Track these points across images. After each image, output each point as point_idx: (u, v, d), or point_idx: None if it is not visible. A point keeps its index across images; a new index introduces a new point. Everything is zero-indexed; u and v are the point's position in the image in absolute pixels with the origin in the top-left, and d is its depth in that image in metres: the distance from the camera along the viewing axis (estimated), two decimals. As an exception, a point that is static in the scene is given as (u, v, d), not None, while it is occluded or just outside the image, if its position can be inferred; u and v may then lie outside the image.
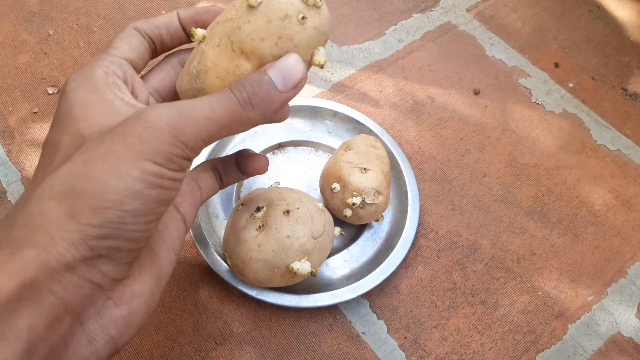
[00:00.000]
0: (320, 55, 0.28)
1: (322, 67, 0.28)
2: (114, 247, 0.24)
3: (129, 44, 0.30)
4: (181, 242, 0.31)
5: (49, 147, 0.26)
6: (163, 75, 0.33)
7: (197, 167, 0.36)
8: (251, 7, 0.26)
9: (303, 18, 0.26)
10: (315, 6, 0.27)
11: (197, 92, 0.29)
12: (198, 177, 0.35)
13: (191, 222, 0.33)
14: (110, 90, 0.27)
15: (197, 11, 0.32)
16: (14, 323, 0.21)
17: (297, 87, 0.27)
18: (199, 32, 0.29)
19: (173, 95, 0.33)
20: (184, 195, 0.32)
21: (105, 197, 0.23)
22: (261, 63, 0.27)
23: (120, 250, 0.24)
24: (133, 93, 0.30)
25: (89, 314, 0.24)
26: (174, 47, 0.33)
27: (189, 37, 0.33)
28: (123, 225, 0.23)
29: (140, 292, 0.27)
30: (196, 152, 0.26)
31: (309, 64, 0.28)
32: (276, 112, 0.27)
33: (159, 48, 0.33)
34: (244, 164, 0.37)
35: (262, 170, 0.38)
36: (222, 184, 0.37)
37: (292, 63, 0.27)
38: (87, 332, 0.24)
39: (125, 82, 0.29)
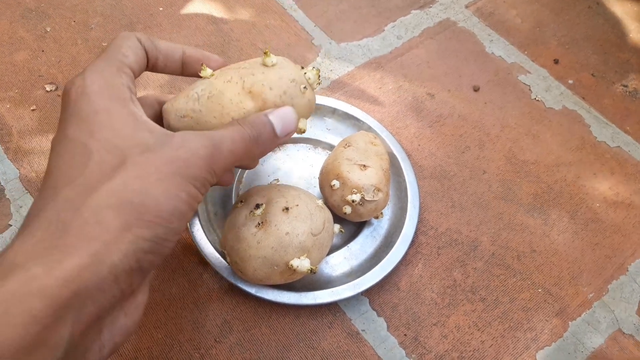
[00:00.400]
0: (303, 124, 0.34)
1: (301, 133, 0.34)
2: (153, 261, 0.25)
3: (136, 56, 0.31)
4: None
5: (75, 147, 0.26)
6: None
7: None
8: (265, 65, 0.33)
9: (305, 88, 0.33)
10: (312, 87, 0.34)
11: (191, 113, 0.33)
12: None
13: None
14: (132, 104, 0.28)
15: (205, 56, 0.35)
16: (59, 330, 0.21)
17: (289, 135, 0.33)
18: (207, 70, 0.34)
19: None
20: None
21: (159, 214, 0.24)
22: (262, 106, 0.32)
23: (154, 265, 0.26)
24: None
25: (106, 322, 0.25)
26: (162, 73, 0.35)
27: (182, 72, 0.36)
28: (166, 242, 0.25)
29: (141, 302, 0.28)
30: (217, 180, 0.29)
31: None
32: (268, 152, 0.33)
33: (148, 68, 0.34)
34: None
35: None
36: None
37: (290, 113, 0.32)
38: (102, 339, 0.25)
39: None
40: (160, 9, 0.63)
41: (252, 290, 0.42)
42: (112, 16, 0.61)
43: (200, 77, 0.34)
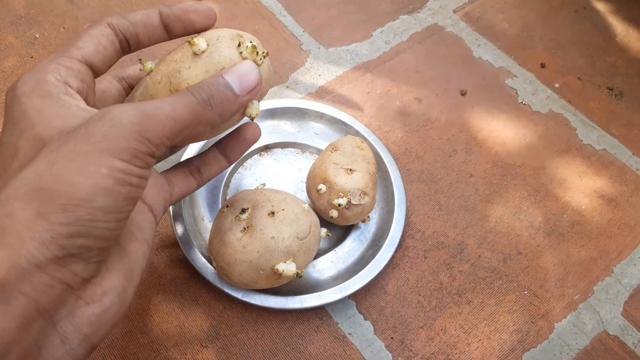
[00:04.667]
0: (252, 108, 0.31)
1: (252, 119, 0.31)
2: (85, 245, 0.23)
3: (96, 45, 0.29)
4: (152, 233, 0.31)
5: (5, 151, 0.26)
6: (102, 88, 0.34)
7: (171, 167, 0.37)
8: (195, 54, 0.30)
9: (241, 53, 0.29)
10: (255, 63, 0.30)
11: None
12: (169, 173, 0.35)
13: (160, 213, 0.32)
14: (64, 96, 0.27)
15: (184, 10, 0.32)
16: None
17: (252, 92, 0.29)
18: (148, 64, 0.32)
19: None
20: (149, 187, 0.32)
21: (75, 195, 0.23)
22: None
23: (91, 249, 0.24)
24: (86, 102, 0.29)
25: (61, 314, 0.24)
26: (150, 45, 0.33)
27: (169, 36, 0.33)
28: (94, 223, 0.23)
29: (111, 288, 0.26)
30: (160, 149, 0.26)
31: (242, 114, 0.31)
32: (234, 115, 0.29)
33: (132, 47, 0.32)
34: (228, 147, 0.38)
35: (252, 138, 0.39)
36: (202, 178, 0.37)
37: (248, 68, 0.29)
38: (61, 332, 0.24)
39: (80, 92, 0.28)
40: (150, 15, 0.63)
41: (238, 294, 0.42)
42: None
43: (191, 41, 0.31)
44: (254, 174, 0.51)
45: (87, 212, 0.23)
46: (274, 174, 0.51)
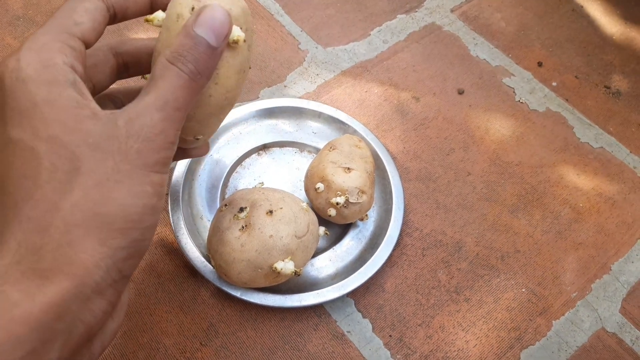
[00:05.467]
0: (233, 32, 0.27)
1: (236, 43, 0.28)
2: (134, 264, 0.24)
3: (92, 21, 0.27)
4: None
5: (23, 152, 0.23)
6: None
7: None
8: (158, 27, 0.29)
9: (193, 9, 0.27)
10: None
11: None
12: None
13: None
14: (73, 87, 0.25)
15: None
16: (46, 354, 0.21)
17: (227, 37, 0.27)
18: (159, 15, 0.29)
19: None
20: None
21: (130, 217, 0.23)
22: (170, 15, 0.28)
23: (135, 266, 0.25)
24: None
25: (98, 333, 0.25)
26: (135, 17, 0.31)
27: (152, 10, 0.31)
28: (143, 242, 0.24)
29: (125, 301, 0.27)
30: (177, 144, 0.26)
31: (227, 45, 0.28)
32: (215, 67, 0.27)
33: (118, 19, 0.30)
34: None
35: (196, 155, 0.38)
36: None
37: (216, 14, 0.26)
38: (92, 349, 0.25)
39: (82, 78, 0.26)
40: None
41: (237, 293, 0.42)
42: (99, 23, 0.62)
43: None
44: (252, 173, 0.51)
45: (139, 233, 0.24)
46: (272, 173, 0.51)
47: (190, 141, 0.33)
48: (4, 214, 0.23)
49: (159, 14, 0.29)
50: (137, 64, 0.32)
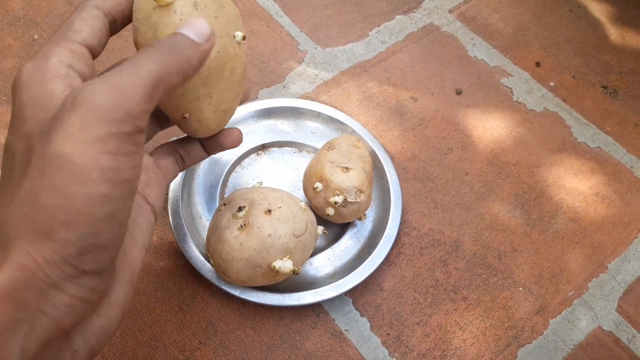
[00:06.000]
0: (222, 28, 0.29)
1: (243, 39, 0.31)
2: (96, 259, 0.22)
3: (91, 27, 0.27)
4: (150, 236, 0.30)
5: (7, 155, 0.24)
6: None
7: (156, 150, 0.36)
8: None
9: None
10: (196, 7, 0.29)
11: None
12: (159, 162, 0.35)
13: (159, 210, 0.32)
14: (64, 81, 0.24)
15: None
16: (6, 345, 0.20)
17: (209, 40, 0.27)
18: None
19: None
20: (152, 185, 0.32)
21: (74, 209, 0.21)
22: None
23: (102, 261, 0.23)
24: None
25: (77, 329, 0.24)
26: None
27: None
28: (99, 235, 0.22)
29: (117, 299, 0.26)
30: (144, 119, 0.23)
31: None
32: (200, 64, 0.26)
33: (119, 25, 0.30)
34: (207, 145, 0.37)
35: (230, 143, 0.37)
36: (184, 165, 0.37)
37: (197, 21, 0.26)
38: (72, 346, 0.24)
39: (84, 76, 0.26)
40: (147, 16, 0.63)
41: (236, 292, 0.42)
42: (99, 23, 0.62)
43: None
44: (251, 172, 0.51)
45: (89, 226, 0.21)
46: (271, 172, 0.51)
47: (180, 121, 0.33)
48: None
49: None
50: (122, 17, 0.31)
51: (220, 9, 0.31)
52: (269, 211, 0.40)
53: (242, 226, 0.39)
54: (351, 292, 0.45)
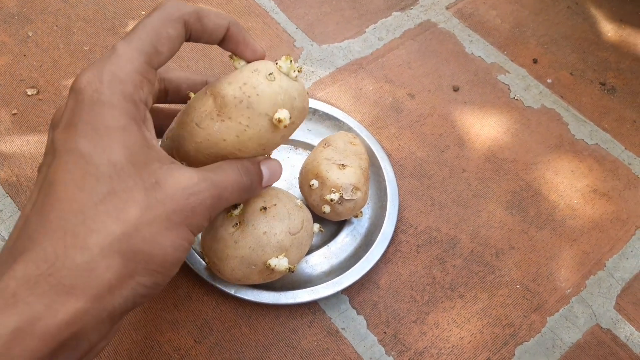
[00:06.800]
0: (282, 114, 0.29)
1: (283, 126, 0.30)
2: (144, 302, 0.27)
3: (171, 51, 0.28)
4: None
5: (87, 166, 0.24)
6: None
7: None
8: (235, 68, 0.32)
9: (270, 75, 0.30)
10: (288, 74, 0.30)
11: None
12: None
13: None
14: (144, 125, 0.27)
15: (245, 41, 0.32)
16: None
17: (268, 186, 0.35)
18: (240, 63, 0.33)
19: None
20: None
21: (164, 264, 0.25)
22: (222, 104, 0.29)
23: (143, 303, 0.28)
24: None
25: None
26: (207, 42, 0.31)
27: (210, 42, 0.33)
28: (159, 287, 0.26)
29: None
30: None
31: (271, 120, 0.30)
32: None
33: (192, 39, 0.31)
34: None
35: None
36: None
37: (278, 167, 0.35)
38: None
39: (147, 107, 0.28)
40: (143, 12, 0.63)
41: (231, 290, 0.42)
42: (94, 20, 0.62)
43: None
44: (247, 170, 0.51)
45: (163, 278, 0.25)
46: (266, 170, 0.51)
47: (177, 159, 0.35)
48: (43, 211, 0.24)
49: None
50: (175, 92, 0.34)
51: None
52: (264, 208, 0.39)
53: (237, 224, 0.39)
54: (347, 290, 0.45)
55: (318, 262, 0.46)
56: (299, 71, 0.31)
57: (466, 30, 0.64)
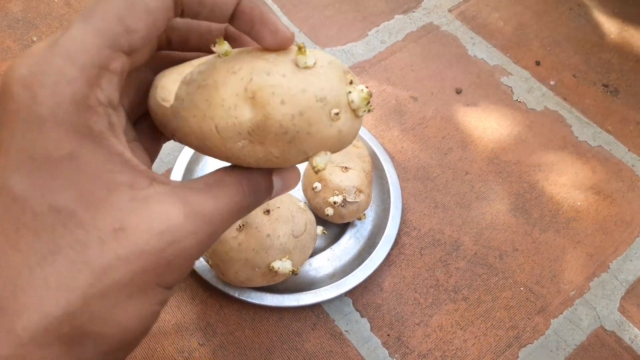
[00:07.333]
0: (322, 160, 0.22)
1: (317, 172, 0.23)
2: None
3: (151, 27, 0.20)
4: None
5: (21, 214, 0.18)
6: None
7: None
8: (297, 66, 0.21)
9: (337, 114, 0.21)
10: (355, 113, 0.22)
11: (172, 99, 0.23)
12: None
13: None
14: (108, 138, 0.19)
15: (263, 16, 0.21)
16: None
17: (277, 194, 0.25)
18: (224, 46, 0.22)
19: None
20: None
21: (123, 344, 0.19)
22: (263, 123, 0.21)
23: None
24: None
25: None
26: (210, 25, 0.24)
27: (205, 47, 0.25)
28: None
29: None
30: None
31: (306, 159, 0.22)
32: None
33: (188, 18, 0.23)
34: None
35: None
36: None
37: (295, 179, 0.25)
38: None
39: (115, 108, 0.20)
40: (146, 17, 0.63)
41: (235, 293, 0.42)
42: (98, 25, 0.62)
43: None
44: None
45: (125, 354, 0.20)
46: (270, 173, 0.51)
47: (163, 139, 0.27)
48: None
49: (311, 59, 0.21)
50: (182, 42, 0.25)
51: None
52: (268, 211, 0.40)
53: (240, 226, 0.39)
54: (351, 293, 0.45)
55: (321, 264, 0.46)
56: (369, 110, 0.22)
57: (469, 33, 0.64)
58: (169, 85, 0.23)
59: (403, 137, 0.55)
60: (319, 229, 0.44)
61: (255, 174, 0.23)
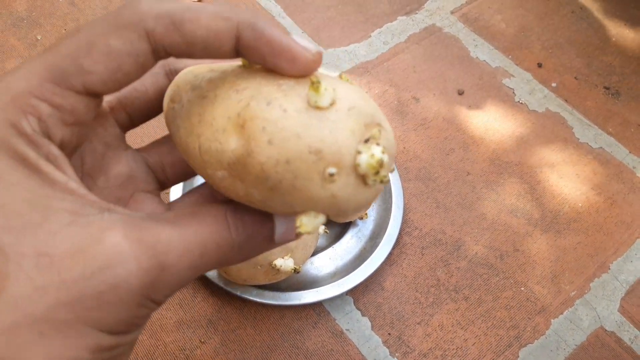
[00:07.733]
0: (307, 221, 0.18)
1: (297, 235, 0.20)
2: None
3: (113, 71, 0.18)
4: None
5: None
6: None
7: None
8: (309, 105, 0.17)
9: (331, 175, 0.17)
10: (364, 179, 0.18)
11: (178, 101, 0.21)
12: None
13: None
14: (50, 167, 0.17)
15: (277, 48, 0.18)
16: None
17: (287, 242, 0.21)
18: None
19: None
20: None
21: None
22: (244, 157, 0.17)
23: None
24: (72, 152, 0.19)
25: None
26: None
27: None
28: None
29: None
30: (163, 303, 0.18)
31: (294, 213, 0.19)
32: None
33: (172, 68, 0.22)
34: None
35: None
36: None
37: (291, 235, 0.21)
38: None
39: (63, 145, 0.18)
40: (150, 16, 0.64)
41: (236, 291, 0.42)
42: (102, 24, 0.62)
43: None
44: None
45: None
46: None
47: None
48: None
49: (326, 100, 0.18)
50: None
51: None
52: (270, 210, 0.40)
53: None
54: (352, 292, 0.45)
55: (323, 263, 0.46)
56: (381, 180, 0.18)
57: (471, 35, 0.65)
58: (181, 84, 0.21)
59: (405, 138, 0.55)
60: (321, 228, 0.44)
61: (250, 210, 0.19)
